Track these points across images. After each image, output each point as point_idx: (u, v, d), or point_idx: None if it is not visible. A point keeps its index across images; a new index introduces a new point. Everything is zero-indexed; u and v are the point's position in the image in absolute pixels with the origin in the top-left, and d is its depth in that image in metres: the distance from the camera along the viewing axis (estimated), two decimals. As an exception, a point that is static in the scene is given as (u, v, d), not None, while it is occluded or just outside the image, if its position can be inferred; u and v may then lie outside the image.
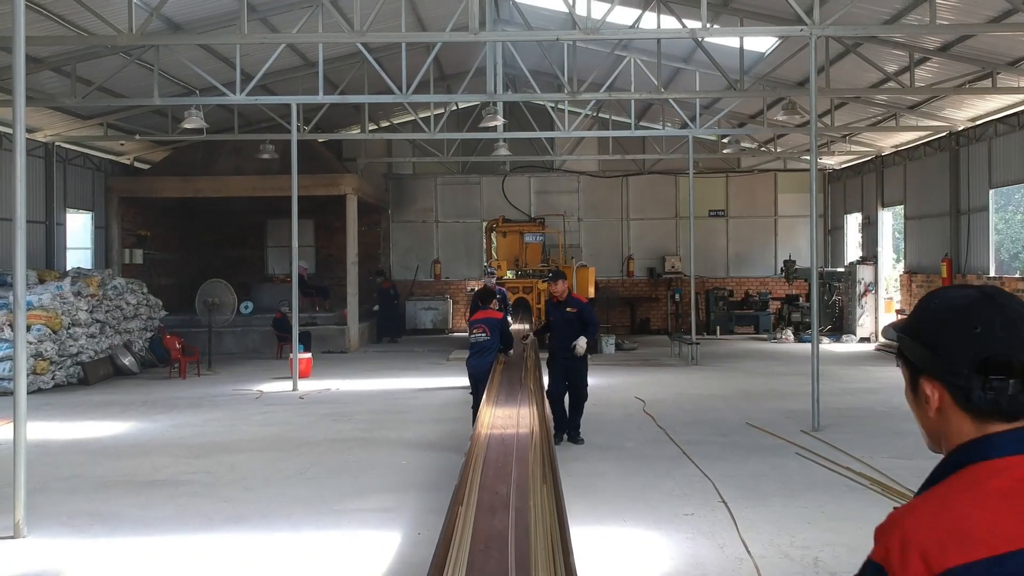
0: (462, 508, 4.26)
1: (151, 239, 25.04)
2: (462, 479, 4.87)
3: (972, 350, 1.61)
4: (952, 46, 15.83)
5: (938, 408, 1.68)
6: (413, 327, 27.49)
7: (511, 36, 15.02)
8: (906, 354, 1.75)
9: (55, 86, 17.51)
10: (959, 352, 1.63)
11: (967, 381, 1.62)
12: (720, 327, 27.05)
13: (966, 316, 1.65)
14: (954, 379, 1.64)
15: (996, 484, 1.56)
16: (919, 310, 1.75)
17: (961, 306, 1.68)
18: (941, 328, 1.67)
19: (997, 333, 1.61)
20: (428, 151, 26.50)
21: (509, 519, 4.10)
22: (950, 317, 1.67)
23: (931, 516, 1.56)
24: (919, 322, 1.73)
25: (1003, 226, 31.91)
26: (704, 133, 21.73)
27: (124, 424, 12.76)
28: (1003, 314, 1.64)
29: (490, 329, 10.95)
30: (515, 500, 4.41)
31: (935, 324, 1.68)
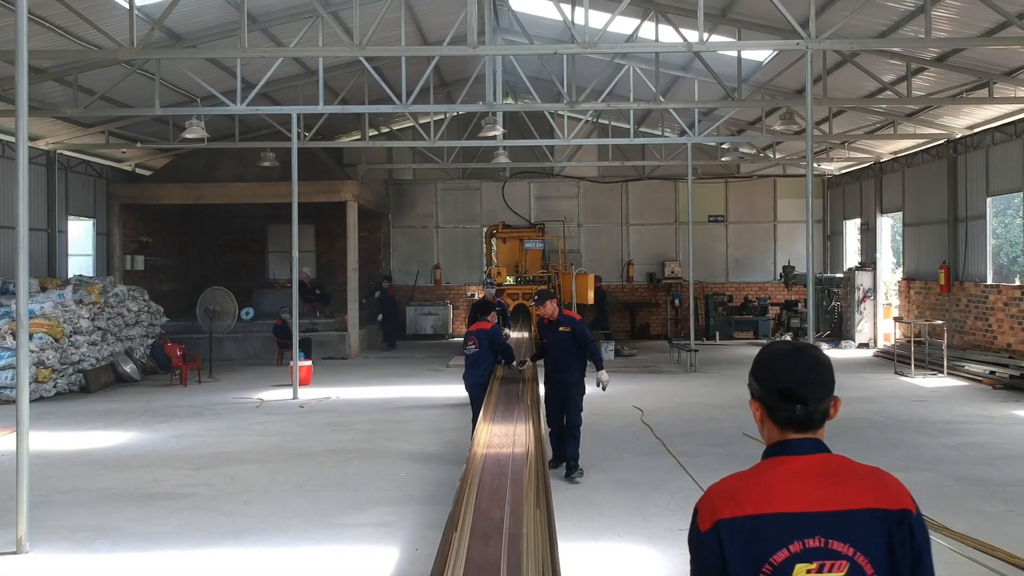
0: (456, 534, 4.35)
1: (152, 245, 25.16)
2: (457, 503, 4.96)
3: (775, 383, 2.37)
4: (949, 56, 15.93)
5: (760, 419, 2.45)
6: (414, 332, 27.60)
7: (509, 50, 15.10)
8: (748, 384, 2.48)
9: (57, 96, 17.62)
10: (769, 384, 2.39)
11: (773, 402, 2.38)
12: (719, 332, 27.15)
13: (778, 362, 2.40)
14: (766, 402, 2.40)
15: (786, 467, 2.32)
16: (757, 355, 2.48)
17: (777, 355, 2.43)
18: (762, 368, 2.43)
19: (795, 375, 2.35)
20: (428, 158, 26.61)
21: (502, 546, 4.19)
22: (769, 361, 2.43)
23: (728, 483, 2.34)
24: (754, 364, 2.47)
25: (1002, 230, 31.97)
26: (703, 140, 21.79)
27: (125, 434, 12.85)
28: (801, 363, 2.38)
29: (479, 341, 10.81)
30: (509, 526, 4.49)
31: (760, 365, 2.43)
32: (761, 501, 2.24)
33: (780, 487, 2.26)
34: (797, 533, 2.21)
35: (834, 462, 2.34)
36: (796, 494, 2.24)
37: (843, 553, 2.19)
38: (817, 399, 2.35)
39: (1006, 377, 16.42)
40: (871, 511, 2.24)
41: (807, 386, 2.35)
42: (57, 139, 20.25)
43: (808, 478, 2.27)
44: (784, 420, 2.36)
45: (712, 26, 16.69)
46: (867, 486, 2.29)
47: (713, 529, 2.26)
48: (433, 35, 20.27)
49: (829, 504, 2.23)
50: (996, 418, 13.35)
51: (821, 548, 2.20)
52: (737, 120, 24.29)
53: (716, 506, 2.28)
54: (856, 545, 2.20)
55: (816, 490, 2.25)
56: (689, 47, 13.06)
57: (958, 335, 20.31)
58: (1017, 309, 18.16)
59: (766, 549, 2.20)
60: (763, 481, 2.29)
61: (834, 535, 2.21)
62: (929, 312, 22.00)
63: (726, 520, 2.24)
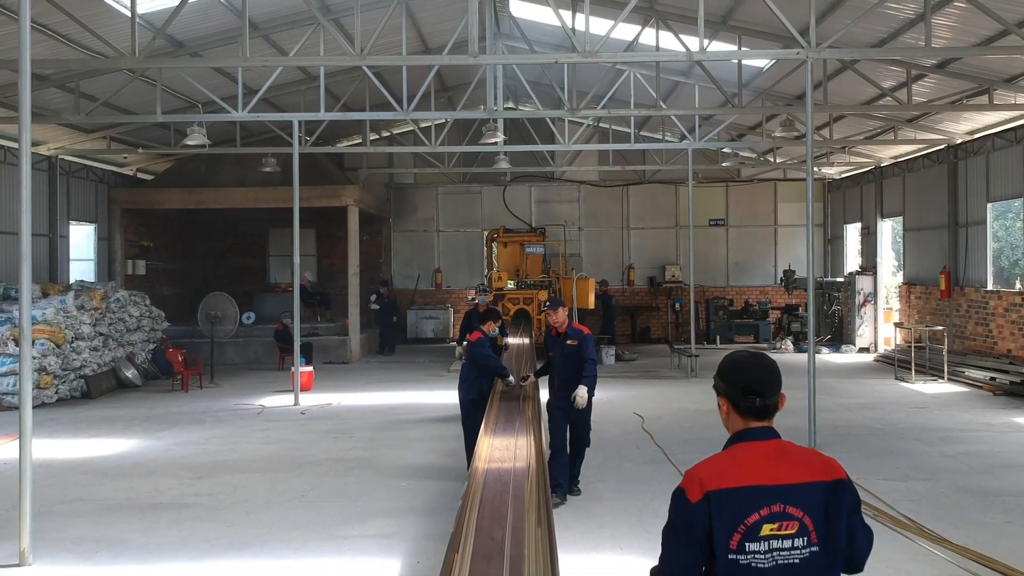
0: (458, 556, 4.38)
1: (154, 250, 25.21)
2: (458, 523, 4.98)
3: (739, 382, 3.02)
4: (949, 63, 15.95)
5: (726, 413, 3.08)
6: (414, 336, 27.64)
7: (510, 59, 15.16)
8: (714, 385, 3.13)
9: (59, 102, 17.66)
10: (733, 383, 3.04)
11: (736, 398, 3.02)
12: (720, 336, 27.18)
13: (741, 365, 3.07)
14: (731, 397, 3.04)
15: (752, 450, 2.95)
16: (722, 362, 3.13)
17: (739, 361, 3.09)
18: (728, 371, 3.08)
19: (755, 375, 3.03)
20: (429, 162, 26.65)
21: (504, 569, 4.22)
22: (733, 366, 3.09)
23: (711, 462, 2.95)
24: (719, 367, 3.12)
25: (1003, 233, 32.00)
26: (703, 145, 21.83)
27: (128, 441, 12.89)
28: (758, 365, 3.06)
29: (467, 353, 10.42)
30: (510, 547, 4.52)
31: (726, 369, 3.09)
32: (739, 477, 2.88)
33: (751, 466, 2.91)
34: (764, 501, 2.86)
35: (786, 446, 3.01)
36: (762, 471, 2.90)
37: (795, 516, 2.87)
38: (771, 394, 3.02)
39: (1006, 383, 16.44)
40: (814, 483, 2.92)
41: (764, 384, 3.02)
42: (59, 144, 20.29)
43: (769, 459, 2.94)
44: (747, 411, 3.02)
45: (712, 33, 16.72)
46: (810, 464, 2.97)
47: (704, 499, 2.85)
48: (434, 41, 20.31)
49: (785, 479, 2.90)
50: (996, 425, 13.37)
51: (780, 512, 2.86)
52: (738, 125, 24.32)
53: (704, 481, 2.87)
54: (804, 509, 2.88)
55: (775, 468, 2.92)
56: (689, 56, 13.06)
57: (958, 340, 20.34)
58: (1017, 315, 18.18)
59: (742, 513, 2.85)
60: (738, 461, 2.94)
61: (789, 502, 2.87)
62: (930, 317, 22.02)
63: (715, 491, 2.85)
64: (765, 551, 2.85)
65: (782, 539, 2.86)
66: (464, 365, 10.39)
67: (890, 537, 7.89)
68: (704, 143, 21.91)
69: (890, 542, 7.75)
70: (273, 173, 22.84)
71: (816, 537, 2.88)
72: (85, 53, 15.14)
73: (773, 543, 2.85)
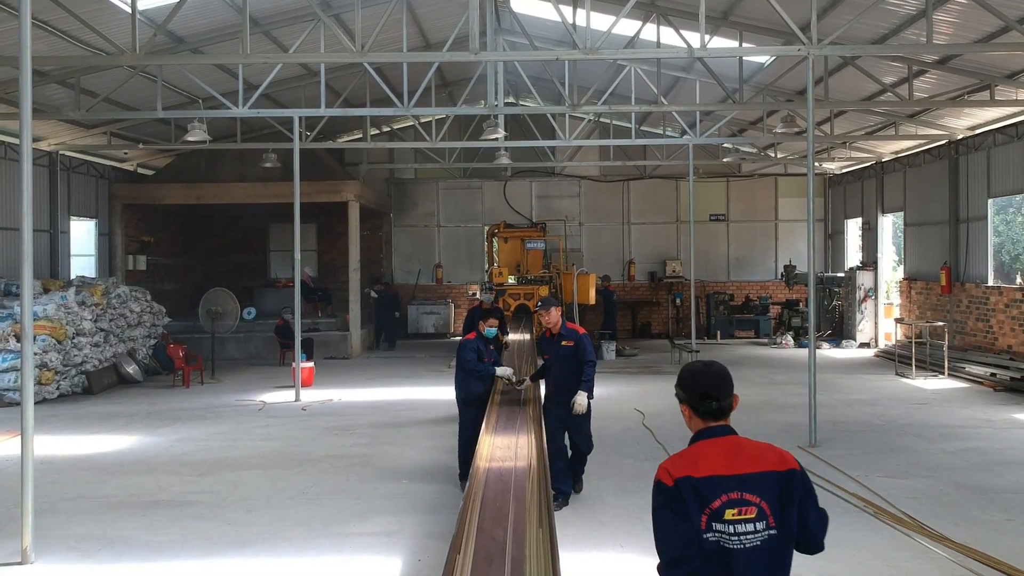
0: (460, 557, 4.39)
1: (154, 245, 25.21)
2: (460, 524, 4.99)
3: (697, 390, 3.46)
4: (950, 59, 15.94)
5: (688, 417, 3.51)
6: (415, 331, 27.65)
7: (511, 56, 15.09)
8: (676, 394, 3.57)
9: (60, 98, 17.64)
10: (693, 389, 3.48)
11: (696, 403, 3.46)
12: (720, 331, 27.21)
13: (697, 375, 3.51)
14: (691, 403, 3.47)
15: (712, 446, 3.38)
16: (680, 372, 3.60)
17: (696, 371, 3.54)
18: (687, 381, 3.52)
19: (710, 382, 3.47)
20: (430, 157, 26.64)
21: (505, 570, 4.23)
22: (691, 376, 3.53)
23: (677, 457, 3.38)
24: (679, 378, 3.57)
25: (1004, 228, 31.99)
26: (704, 141, 21.81)
27: (129, 438, 12.91)
28: (712, 373, 3.50)
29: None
30: (511, 548, 4.53)
31: (685, 379, 3.53)
32: (701, 468, 3.30)
33: (711, 459, 3.34)
34: (725, 488, 3.27)
35: (741, 441, 3.45)
36: (721, 463, 3.32)
37: (752, 501, 3.27)
38: (725, 397, 3.47)
39: (1007, 379, 16.44)
40: (768, 472, 3.33)
41: (718, 389, 3.47)
42: (59, 140, 20.28)
43: (728, 452, 3.37)
44: (705, 413, 3.46)
45: (713, 28, 16.69)
46: (764, 456, 3.39)
47: (675, 485, 3.27)
48: (435, 36, 20.29)
49: (741, 469, 3.31)
50: (996, 422, 13.38)
51: (739, 499, 3.26)
52: (739, 120, 24.31)
53: (671, 471, 3.31)
54: (761, 495, 3.28)
55: (733, 460, 3.33)
56: (690, 53, 13.05)
57: (959, 336, 20.34)
58: (1018, 311, 18.18)
59: (707, 499, 3.26)
60: (700, 455, 3.37)
61: (746, 489, 3.27)
62: (930, 312, 22.03)
63: (681, 479, 3.27)
64: (732, 533, 3.23)
65: (744, 523, 3.24)
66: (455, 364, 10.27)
67: (890, 535, 7.91)
68: (705, 139, 21.88)
69: (890, 540, 7.77)
70: (273, 168, 22.83)
71: (774, 521, 3.27)
72: (86, 49, 15.13)
73: (738, 527, 3.23)
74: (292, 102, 21.12)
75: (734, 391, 3.49)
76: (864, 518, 8.44)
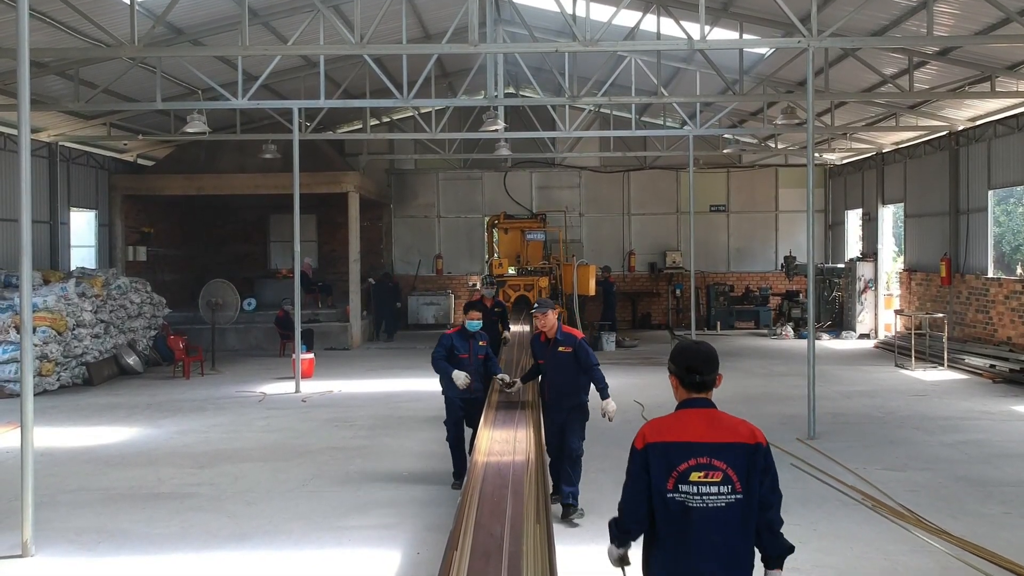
0: (457, 553, 4.40)
1: (154, 236, 25.22)
2: (457, 520, 5.01)
3: (684, 363, 3.87)
4: (951, 51, 15.90)
5: (675, 387, 3.92)
6: (415, 322, 27.66)
7: (510, 48, 15.11)
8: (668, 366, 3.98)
9: (59, 89, 17.62)
10: (681, 363, 3.88)
11: (682, 375, 3.86)
12: (720, 322, 27.22)
13: (686, 351, 3.92)
14: (678, 374, 3.88)
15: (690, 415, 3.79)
16: (673, 349, 4.03)
17: (686, 347, 3.95)
18: (677, 355, 3.93)
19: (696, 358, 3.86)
20: (430, 148, 26.62)
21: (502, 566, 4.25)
22: (681, 351, 3.94)
23: (656, 422, 3.80)
24: (672, 353, 4.00)
25: (1004, 218, 31.98)
26: (704, 132, 21.78)
27: (129, 430, 12.93)
28: (700, 351, 3.90)
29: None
30: (509, 544, 4.54)
31: (676, 354, 3.95)
32: (676, 434, 3.75)
33: (687, 426, 3.76)
34: (696, 453, 3.69)
35: (718, 414, 3.84)
36: (695, 431, 3.74)
37: (719, 467, 3.68)
38: (708, 372, 3.87)
39: (1006, 371, 16.47)
40: (738, 443, 3.74)
41: (702, 364, 3.87)
42: (59, 131, 20.27)
43: (703, 422, 3.78)
44: (689, 384, 3.88)
45: (714, 19, 16.67)
46: (737, 429, 3.79)
47: (644, 449, 3.73)
48: (434, 27, 20.24)
49: (713, 438, 3.72)
50: (995, 414, 13.40)
51: (707, 464, 3.68)
52: (739, 111, 24.26)
53: (646, 435, 3.77)
54: (728, 463, 3.69)
55: (707, 429, 3.75)
56: (690, 44, 13.04)
57: (959, 327, 20.35)
58: (1018, 302, 18.19)
59: (675, 462, 3.69)
60: (679, 422, 3.80)
61: (715, 456, 3.69)
62: (930, 304, 22.04)
63: (652, 444, 3.72)
64: (694, 493, 3.66)
65: (708, 485, 3.66)
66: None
67: (888, 528, 7.93)
68: (705, 130, 21.87)
69: (888, 533, 7.79)
70: (273, 159, 22.81)
71: (740, 487, 3.68)
72: (85, 41, 15.11)
73: (702, 488, 3.65)
74: (292, 93, 21.08)
75: (718, 370, 3.89)
76: (862, 511, 8.46)
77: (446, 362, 9.27)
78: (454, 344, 9.37)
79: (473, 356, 9.40)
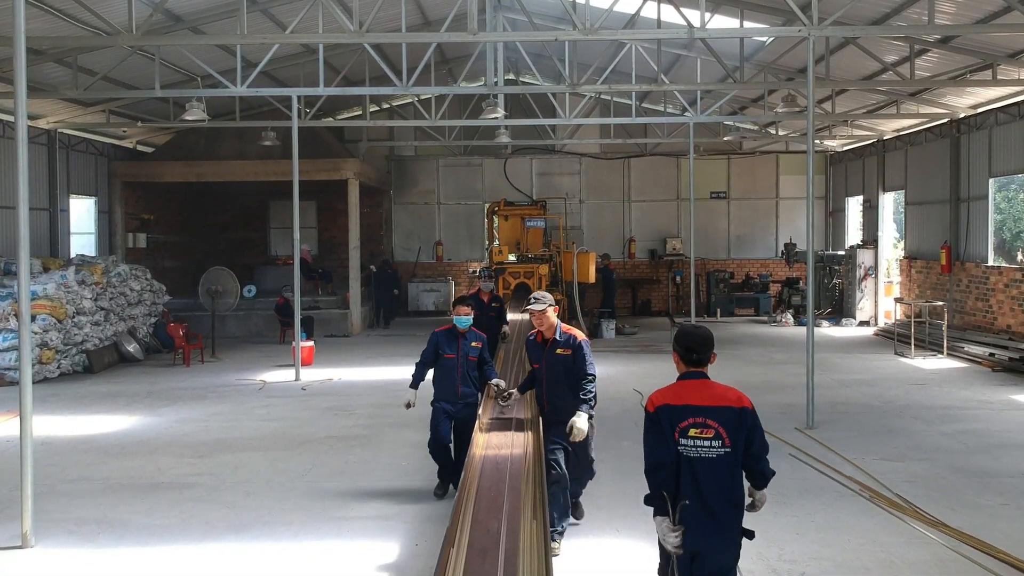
0: (453, 550, 4.41)
1: (154, 223, 25.20)
2: (454, 516, 5.02)
3: (684, 343, 4.77)
4: (952, 39, 15.84)
5: (676, 361, 4.82)
6: (415, 308, 27.66)
7: (509, 36, 15.04)
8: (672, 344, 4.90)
9: (57, 76, 17.57)
10: (682, 343, 4.78)
11: (683, 353, 4.77)
12: (720, 309, 27.23)
13: (686, 333, 4.83)
14: (680, 352, 4.78)
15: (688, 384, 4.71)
16: (676, 332, 4.93)
17: (686, 330, 4.85)
18: (679, 336, 4.82)
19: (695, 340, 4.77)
20: (430, 135, 26.57)
21: (499, 563, 4.26)
22: (682, 333, 4.83)
23: (662, 391, 4.73)
24: (675, 334, 4.90)
25: (1005, 205, 31.92)
26: (704, 119, 21.71)
27: (129, 418, 12.95)
28: (698, 333, 4.80)
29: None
30: (506, 540, 4.55)
31: (678, 335, 4.83)
32: (678, 399, 4.67)
33: (686, 393, 4.69)
34: (693, 414, 4.60)
35: (709, 383, 4.75)
36: (693, 396, 4.66)
37: (712, 425, 4.58)
38: (704, 352, 4.78)
39: (1005, 359, 16.47)
40: (728, 407, 4.63)
41: (699, 345, 4.79)
42: (58, 118, 20.22)
43: (700, 389, 4.70)
44: (688, 361, 4.79)
45: (714, 7, 16.60)
46: (726, 395, 4.69)
47: (655, 411, 4.67)
48: (434, 14, 20.17)
49: (707, 402, 4.64)
50: (994, 403, 13.41)
51: (702, 423, 4.58)
52: (740, 97, 24.17)
53: (655, 401, 4.70)
54: (719, 422, 4.59)
55: (701, 395, 4.67)
56: (691, 32, 12.98)
57: (958, 315, 20.35)
58: (1018, 291, 18.18)
59: (677, 420, 4.61)
60: (680, 390, 4.72)
61: (708, 416, 4.59)
62: (930, 291, 22.03)
63: (661, 407, 4.66)
64: (692, 445, 4.57)
65: (703, 440, 4.56)
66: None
67: (885, 519, 7.95)
68: (705, 117, 21.80)
69: (885, 525, 7.81)
70: (273, 146, 22.77)
71: (729, 443, 4.58)
72: (83, 28, 15.04)
73: (697, 441, 4.56)
74: (291, 80, 21.02)
75: (713, 350, 4.81)
76: (860, 502, 8.47)
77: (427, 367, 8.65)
78: (440, 343, 8.64)
79: (462, 357, 8.54)
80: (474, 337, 8.69)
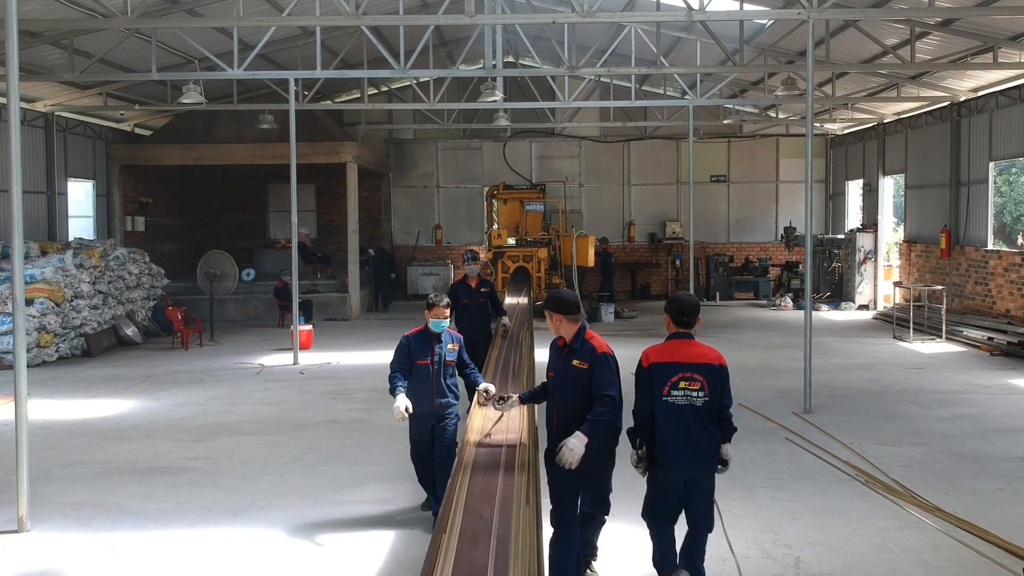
0: (445, 536, 4.41)
1: (153, 206, 25.16)
2: (446, 503, 5.01)
3: (675, 308, 5.82)
4: (953, 22, 15.75)
5: (668, 323, 5.84)
6: (414, 292, 27.63)
7: (507, 19, 14.95)
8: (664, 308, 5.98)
9: (54, 59, 17.49)
10: (673, 308, 5.83)
11: (674, 315, 5.80)
12: (720, 292, 27.23)
13: (678, 299, 5.94)
14: (671, 315, 5.82)
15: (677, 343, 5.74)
16: (670, 297, 6.23)
17: (678, 296, 5.96)
18: (671, 302, 5.91)
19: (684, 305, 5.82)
20: (429, 118, 26.49)
21: (490, 549, 4.26)
22: (674, 299, 5.95)
23: (655, 348, 5.76)
24: (668, 300, 6.07)
25: (1006, 188, 31.88)
26: (704, 102, 21.64)
27: (127, 402, 12.96)
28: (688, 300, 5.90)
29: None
30: (498, 527, 4.55)
31: (670, 300, 5.97)
32: (669, 356, 5.63)
33: (675, 351, 5.64)
34: (682, 369, 5.56)
35: (695, 343, 5.71)
36: (681, 354, 5.62)
37: (697, 379, 5.56)
38: (692, 315, 5.74)
39: (1004, 344, 16.46)
40: (708, 363, 5.62)
41: (688, 311, 5.74)
42: (55, 101, 20.14)
43: (687, 348, 5.66)
44: (677, 323, 5.74)
45: (714, -11, 16.47)
46: (707, 354, 5.66)
47: (648, 367, 5.62)
48: (432, -4, 20.05)
49: (692, 359, 5.60)
50: (992, 387, 13.40)
51: (689, 377, 5.55)
52: (740, 80, 24.10)
53: (649, 357, 5.66)
54: (702, 376, 5.57)
55: (689, 353, 5.63)
56: (690, 15, 12.91)
57: (958, 299, 20.34)
58: (1017, 275, 18.16)
59: (668, 374, 5.57)
60: (671, 348, 5.67)
61: (694, 371, 5.56)
62: (929, 275, 22.00)
63: (653, 363, 5.61)
64: (681, 395, 5.55)
65: (690, 390, 5.55)
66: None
67: (880, 504, 7.95)
68: (705, 100, 21.73)
69: (880, 509, 7.81)
70: (271, 129, 22.68)
71: (708, 393, 5.57)
72: (79, 11, 14.96)
73: (687, 392, 5.54)
74: (288, 62, 20.93)
75: (699, 315, 5.79)
76: (855, 487, 8.48)
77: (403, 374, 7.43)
78: (411, 348, 7.48)
79: (438, 363, 7.44)
80: (450, 339, 7.57)
